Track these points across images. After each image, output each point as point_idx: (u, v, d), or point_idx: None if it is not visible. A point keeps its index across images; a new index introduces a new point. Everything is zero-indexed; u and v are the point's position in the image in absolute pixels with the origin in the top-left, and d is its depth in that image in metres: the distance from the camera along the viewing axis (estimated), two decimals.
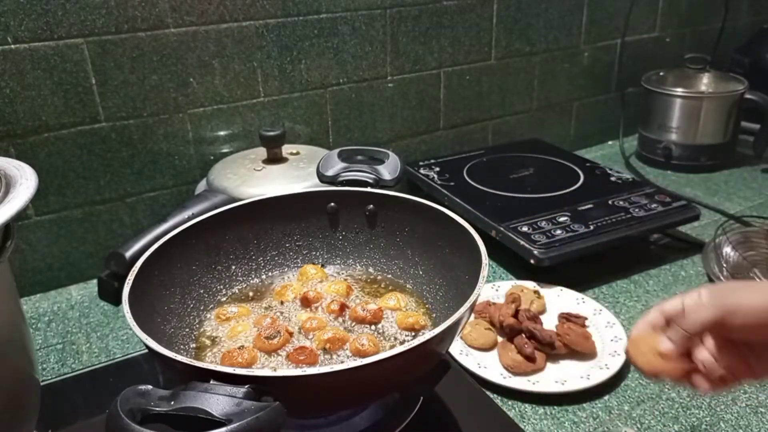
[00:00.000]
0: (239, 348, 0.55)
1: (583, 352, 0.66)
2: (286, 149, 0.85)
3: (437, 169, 1.04)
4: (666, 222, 0.87)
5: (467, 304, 0.47)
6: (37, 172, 0.47)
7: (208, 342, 0.58)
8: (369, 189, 0.66)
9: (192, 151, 0.90)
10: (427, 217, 0.62)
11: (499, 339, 0.69)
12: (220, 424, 0.35)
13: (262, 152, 0.85)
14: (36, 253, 0.83)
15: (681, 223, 0.90)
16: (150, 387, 0.38)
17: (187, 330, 0.58)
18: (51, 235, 0.84)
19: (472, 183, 0.99)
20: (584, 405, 0.62)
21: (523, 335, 0.68)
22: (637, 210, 0.88)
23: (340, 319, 0.60)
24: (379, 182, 0.67)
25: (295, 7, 0.90)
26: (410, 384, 0.56)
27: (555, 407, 0.62)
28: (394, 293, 0.63)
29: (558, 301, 0.76)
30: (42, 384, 0.54)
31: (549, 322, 0.71)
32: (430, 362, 0.52)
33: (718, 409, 0.61)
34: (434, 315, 0.61)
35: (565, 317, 0.70)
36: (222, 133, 0.91)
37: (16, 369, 0.48)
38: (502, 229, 0.83)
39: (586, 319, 0.70)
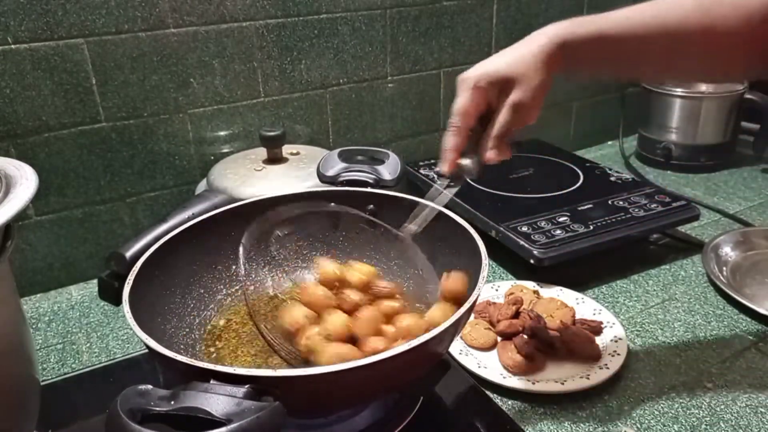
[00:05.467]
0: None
1: (590, 357, 0.66)
2: (286, 149, 0.85)
3: (437, 169, 1.04)
4: (666, 222, 0.87)
5: (467, 304, 0.47)
6: (37, 172, 0.47)
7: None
8: (369, 189, 0.66)
9: (192, 151, 0.90)
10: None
11: (499, 339, 0.69)
12: (220, 424, 0.35)
13: (262, 152, 0.85)
14: (36, 253, 0.84)
15: (681, 223, 0.90)
16: (150, 387, 0.38)
17: (187, 330, 0.58)
18: (51, 235, 0.84)
19: (472, 183, 0.99)
20: (584, 405, 0.62)
21: (523, 335, 0.68)
22: (636, 210, 0.88)
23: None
24: (379, 182, 0.67)
25: (295, 7, 0.90)
26: (410, 384, 0.56)
27: (555, 407, 0.62)
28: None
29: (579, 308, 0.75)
30: (42, 384, 0.54)
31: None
32: (430, 362, 0.52)
33: (718, 409, 0.61)
34: None
35: (580, 323, 0.70)
36: (222, 133, 0.91)
37: (17, 369, 0.48)
38: (502, 229, 0.83)
39: (601, 323, 0.70)
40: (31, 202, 0.44)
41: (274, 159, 0.84)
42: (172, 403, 0.37)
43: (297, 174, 0.81)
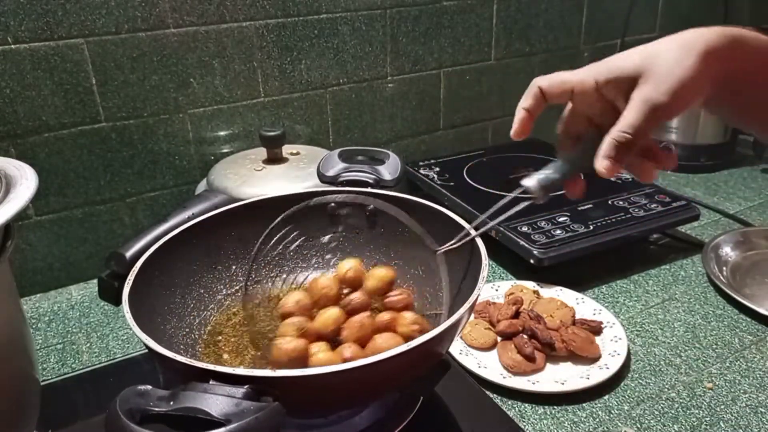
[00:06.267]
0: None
1: (589, 357, 0.66)
2: (287, 149, 0.85)
3: (437, 169, 1.04)
4: (666, 222, 0.87)
5: (467, 304, 0.47)
6: (37, 172, 0.47)
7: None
8: (369, 189, 0.66)
9: (192, 151, 0.90)
10: (426, 217, 0.62)
11: (499, 339, 0.69)
12: (219, 424, 0.35)
13: (262, 152, 0.85)
14: (36, 253, 0.84)
15: (681, 223, 0.90)
16: (149, 387, 0.38)
17: (187, 330, 0.58)
18: (51, 235, 0.84)
19: (472, 183, 0.99)
20: (584, 405, 0.62)
21: (523, 335, 0.68)
22: (636, 210, 0.88)
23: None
24: (379, 182, 0.67)
25: (295, 7, 0.90)
26: (410, 384, 0.56)
27: (555, 407, 0.62)
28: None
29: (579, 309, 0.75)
30: (42, 384, 0.54)
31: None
32: (430, 362, 0.52)
33: (718, 409, 0.61)
34: (434, 315, 0.61)
35: (580, 323, 0.70)
36: (222, 133, 0.91)
37: (17, 369, 0.48)
38: (502, 229, 0.83)
39: (601, 323, 0.70)
40: (31, 202, 0.44)
41: (274, 159, 0.84)
42: (171, 403, 0.37)
43: (297, 174, 0.81)
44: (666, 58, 0.43)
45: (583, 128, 0.48)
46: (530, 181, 0.48)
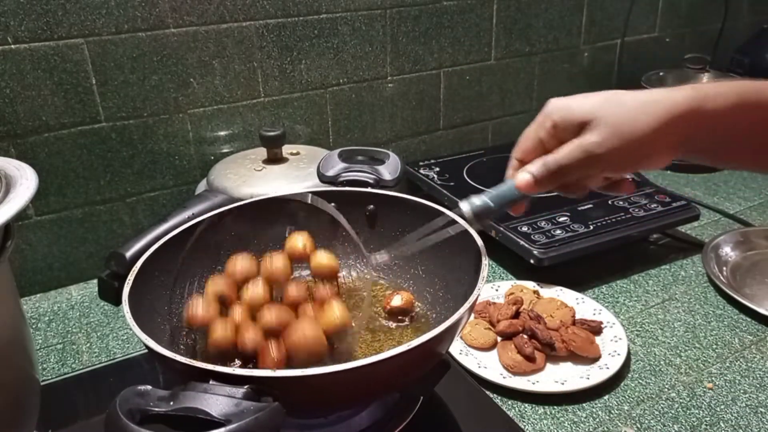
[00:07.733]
0: None
1: (589, 357, 0.66)
2: (286, 149, 0.85)
3: (437, 169, 1.04)
4: (666, 222, 0.87)
5: (467, 304, 0.47)
6: (37, 172, 0.47)
7: None
8: (369, 189, 0.66)
9: (192, 151, 0.90)
10: (427, 217, 0.62)
11: (499, 339, 0.69)
12: (219, 424, 0.35)
13: (262, 152, 0.85)
14: (36, 253, 0.84)
15: (681, 223, 0.90)
16: (149, 387, 0.38)
17: (187, 330, 0.58)
18: (51, 235, 0.84)
19: (472, 183, 0.99)
20: (584, 405, 0.62)
21: (523, 335, 0.68)
22: (636, 210, 0.88)
23: None
24: (379, 182, 0.67)
25: (295, 7, 0.90)
26: (410, 384, 0.56)
27: (555, 407, 0.62)
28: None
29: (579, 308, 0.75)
30: (42, 384, 0.54)
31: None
32: (430, 362, 0.52)
33: (718, 409, 0.61)
34: (434, 315, 0.61)
35: (580, 323, 0.70)
36: (222, 133, 0.91)
37: (17, 369, 0.48)
38: (502, 229, 0.83)
39: (601, 323, 0.70)
40: (31, 202, 0.44)
41: (274, 159, 0.84)
42: (171, 403, 0.37)
43: (297, 174, 0.81)
44: (619, 113, 0.44)
45: (537, 156, 0.50)
46: (465, 206, 0.49)
